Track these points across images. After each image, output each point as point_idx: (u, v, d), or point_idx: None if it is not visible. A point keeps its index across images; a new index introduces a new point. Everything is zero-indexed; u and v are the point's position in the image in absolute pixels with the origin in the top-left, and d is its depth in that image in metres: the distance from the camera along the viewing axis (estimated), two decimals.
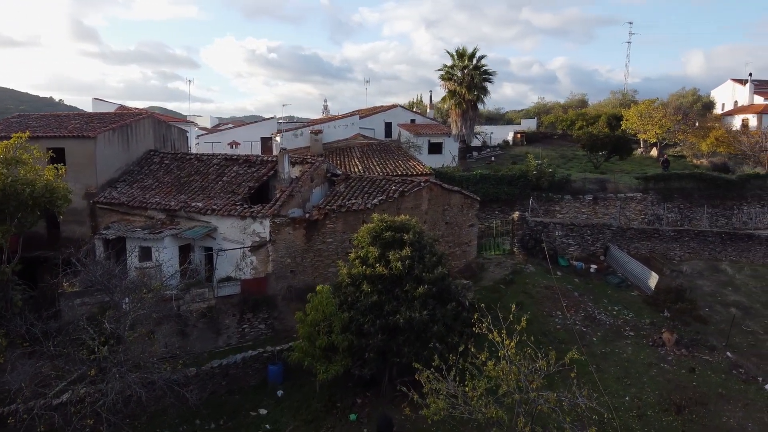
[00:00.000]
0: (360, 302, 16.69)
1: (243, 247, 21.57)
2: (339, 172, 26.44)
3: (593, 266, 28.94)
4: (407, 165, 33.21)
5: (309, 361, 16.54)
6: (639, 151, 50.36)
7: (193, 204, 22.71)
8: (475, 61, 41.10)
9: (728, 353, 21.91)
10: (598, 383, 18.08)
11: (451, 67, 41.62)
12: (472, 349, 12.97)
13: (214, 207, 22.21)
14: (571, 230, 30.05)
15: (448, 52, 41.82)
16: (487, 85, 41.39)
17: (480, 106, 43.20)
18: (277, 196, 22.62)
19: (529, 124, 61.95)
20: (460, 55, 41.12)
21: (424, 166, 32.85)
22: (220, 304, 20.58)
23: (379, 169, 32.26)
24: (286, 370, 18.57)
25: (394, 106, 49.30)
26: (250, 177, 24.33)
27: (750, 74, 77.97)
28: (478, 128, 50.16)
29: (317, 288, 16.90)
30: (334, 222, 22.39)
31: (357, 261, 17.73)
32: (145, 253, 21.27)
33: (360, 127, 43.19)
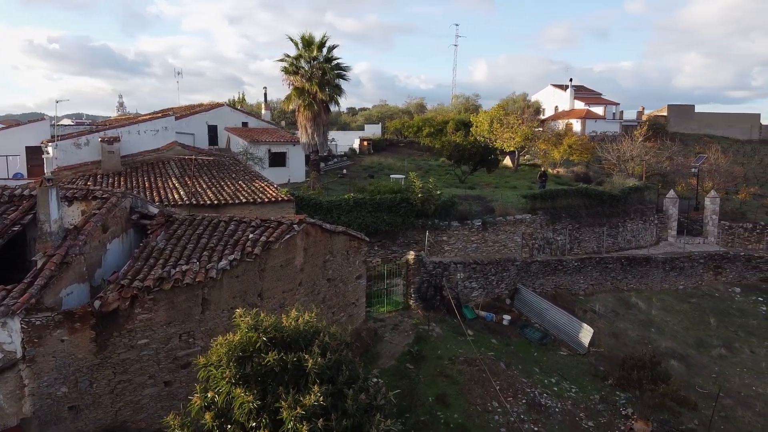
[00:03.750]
0: None
1: None
2: (154, 209, 16.48)
3: (506, 317, 22.62)
4: (252, 188, 23.88)
5: None
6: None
7: None
8: (325, 51, 32.97)
9: None
10: None
11: (296, 58, 32.99)
12: None
13: None
14: (474, 270, 23.48)
15: (291, 40, 33.16)
16: (341, 82, 33.62)
17: (334, 108, 35.23)
18: (38, 266, 12.20)
19: (374, 130, 55.56)
20: (307, 43, 32.67)
21: (276, 188, 23.83)
22: None
23: (211, 195, 22.54)
24: None
25: (219, 105, 39.08)
26: None
27: (570, 80, 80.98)
28: None
29: None
30: (150, 308, 12.67)
31: (209, 416, 8.45)
32: None
33: (176, 132, 32.50)
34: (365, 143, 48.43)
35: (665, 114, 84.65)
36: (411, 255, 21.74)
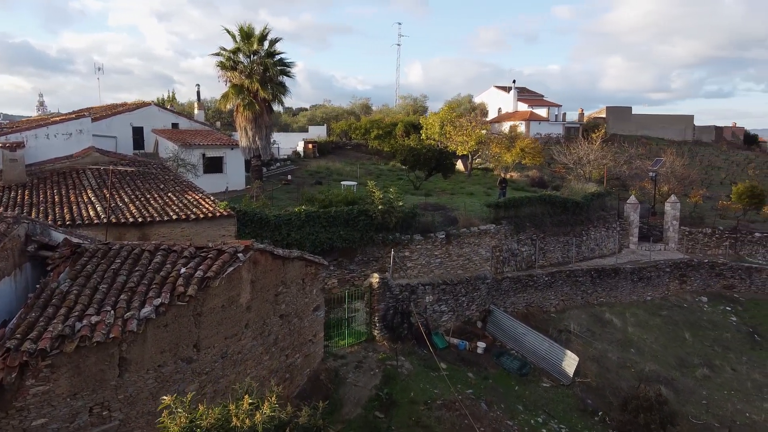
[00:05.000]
0: None
1: None
2: (58, 236, 12.94)
3: (480, 344, 20.16)
4: (184, 201, 20.38)
5: None
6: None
7: None
8: (267, 45, 29.61)
9: None
10: None
11: (234, 52, 29.46)
12: None
13: None
14: (444, 291, 20.91)
15: (228, 32, 29.58)
16: (285, 80, 30.38)
17: (277, 108, 31.94)
18: None
19: (319, 132, 52.24)
20: (246, 35, 29.22)
21: (213, 201, 20.42)
22: None
23: (135, 211, 18.92)
24: None
25: (146, 104, 34.94)
26: None
27: (514, 81, 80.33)
28: None
29: None
30: (48, 378, 9.30)
31: None
32: None
33: (95, 135, 28.38)
34: (310, 146, 45.18)
35: (604, 116, 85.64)
36: (375, 278, 18.91)
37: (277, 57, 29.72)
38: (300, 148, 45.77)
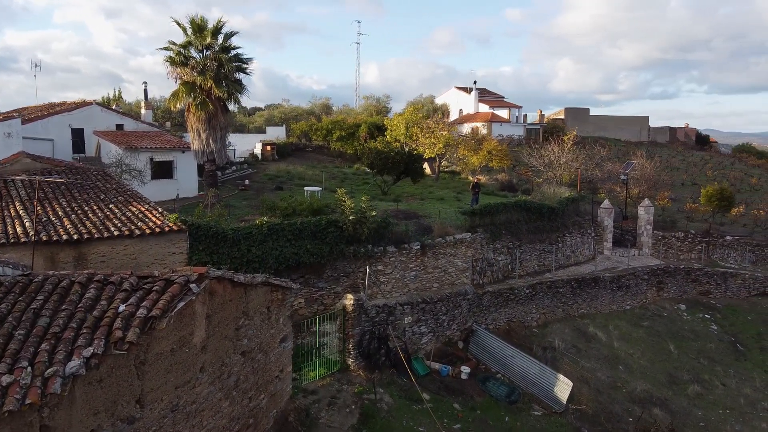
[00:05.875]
0: None
1: None
2: None
3: (464, 368, 18.35)
4: (128, 214, 17.82)
5: None
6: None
7: None
8: (221, 39, 27.18)
9: None
10: None
11: (185, 46, 26.90)
12: None
13: None
14: (424, 311, 19.02)
15: (179, 24, 26.98)
16: (242, 77, 28.00)
17: (233, 108, 29.48)
18: None
19: (277, 133, 49.61)
20: (198, 28, 26.70)
21: (162, 213, 17.93)
22: None
23: (69, 227, 16.29)
24: None
25: (87, 104, 31.87)
26: None
27: (474, 82, 79.37)
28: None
29: None
30: None
31: None
32: None
33: (25, 138, 25.34)
34: (269, 148, 42.64)
35: (563, 117, 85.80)
36: (349, 300, 16.84)
37: (233, 52, 27.35)
38: (258, 150, 43.19)
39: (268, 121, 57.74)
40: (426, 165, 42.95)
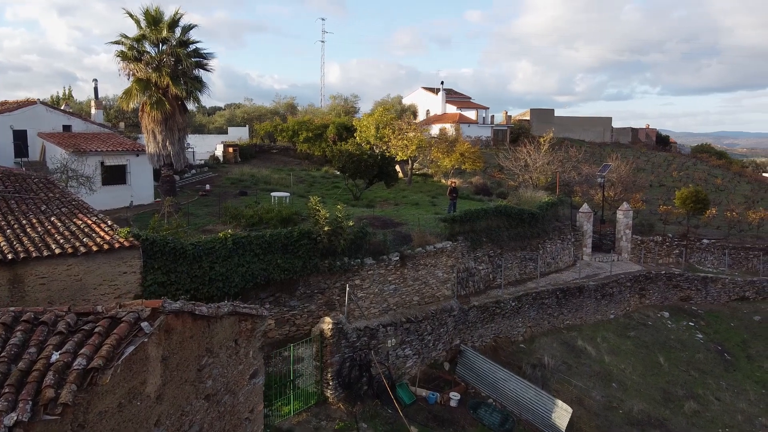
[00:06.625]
0: None
1: None
2: None
3: (453, 395, 16.74)
4: (72, 227, 15.59)
5: None
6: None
7: None
8: (179, 32, 24.92)
9: None
10: None
11: (138, 40, 24.55)
12: None
13: None
14: (408, 331, 17.32)
15: (131, 15, 24.60)
16: (202, 73, 25.81)
17: (192, 107, 27.25)
18: None
19: (240, 134, 47.15)
20: (153, 20, 24.39)
21: (111, 227, 15.75)
22: None
23: (4, 244, 13.98)
24: None
25: (30, 102, 29.12)
26: None
27: (442, 83, 78.21)
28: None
29: None
30: None
31: None
32: None
33: None
34: (231, 150, 40.31)
35: (528, 118, 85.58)
36: (327, 323, 15.01)
37: (192, 47, 25.12)
38: (219, 152, 40.82)
39: (229, 121, 55.07)
40: (398, 168, 41.37)
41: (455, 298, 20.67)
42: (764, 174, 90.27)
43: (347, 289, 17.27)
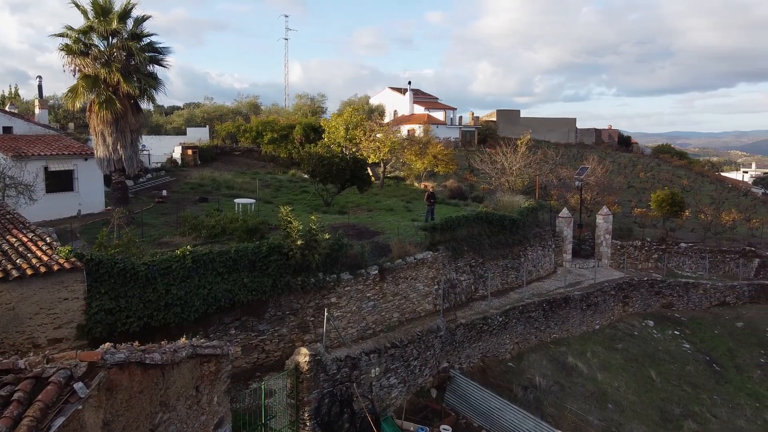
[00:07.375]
0: None
1: None
2: None
3: (444, 428, 15.05)
4: (4, 248, 13.30)
5: None
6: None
7: None
8: (131, 24, 22.61)
9: None
10: None
11: (85, 32, 22.11)
12: None
13: None
14: (393, 358, 15.56)
15: (77, 5, 22.15)
16: (158, 70, 23.54)
17: (147, 106, 24.93)
18: None
19: (200, 135, 44.53)
20: (102, 10, 22.00)
21: (51, 246, 13.53)
22: None
23: None
24: None
25: None
26: None
27: (409, 83, 76.69)
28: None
29: None
30: None
31: None
32: None
33: None
34: (190, 152, 37.84)
35: (495, 119, 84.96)
36: (303, 355, 13.09)
37: (146, 40, 22.83)
38: (177, 154, 38.29)
39: (188, 121, 52.25)
40: (369, 171, 39.63)
41: (441, 315, 19.00)
42: (722, 174, 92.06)
43: (326, 314, 15.37)
